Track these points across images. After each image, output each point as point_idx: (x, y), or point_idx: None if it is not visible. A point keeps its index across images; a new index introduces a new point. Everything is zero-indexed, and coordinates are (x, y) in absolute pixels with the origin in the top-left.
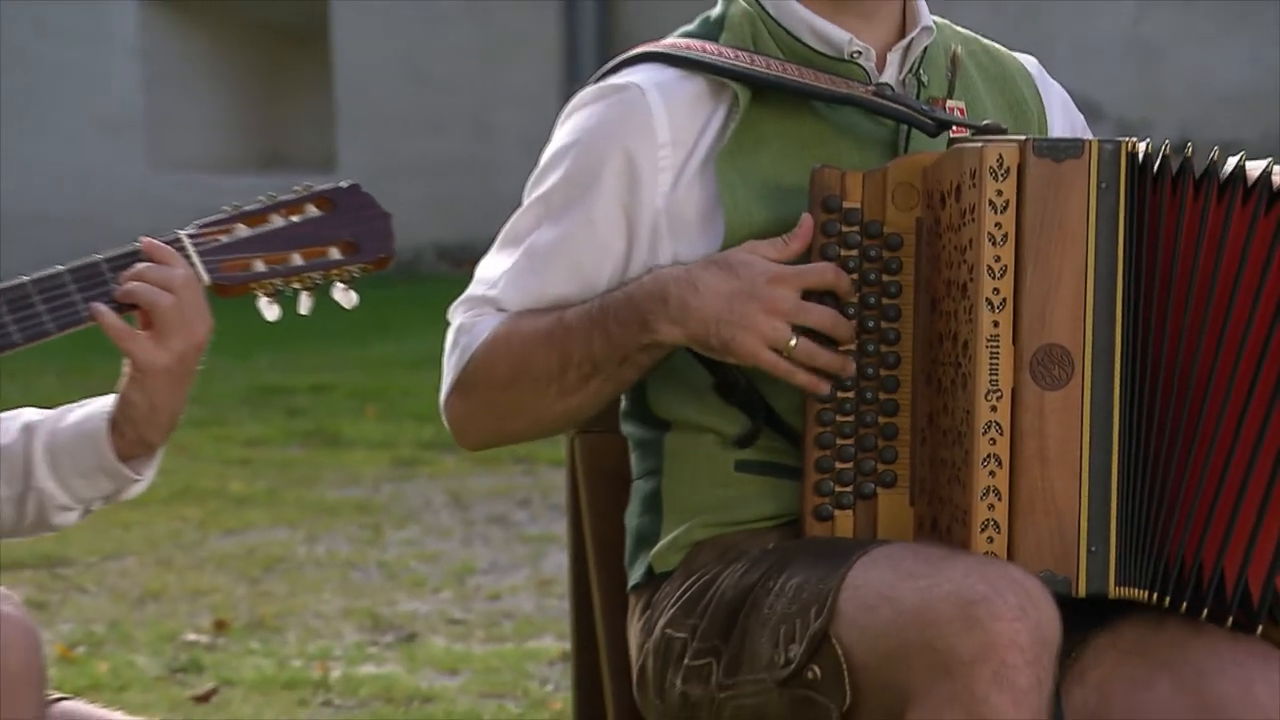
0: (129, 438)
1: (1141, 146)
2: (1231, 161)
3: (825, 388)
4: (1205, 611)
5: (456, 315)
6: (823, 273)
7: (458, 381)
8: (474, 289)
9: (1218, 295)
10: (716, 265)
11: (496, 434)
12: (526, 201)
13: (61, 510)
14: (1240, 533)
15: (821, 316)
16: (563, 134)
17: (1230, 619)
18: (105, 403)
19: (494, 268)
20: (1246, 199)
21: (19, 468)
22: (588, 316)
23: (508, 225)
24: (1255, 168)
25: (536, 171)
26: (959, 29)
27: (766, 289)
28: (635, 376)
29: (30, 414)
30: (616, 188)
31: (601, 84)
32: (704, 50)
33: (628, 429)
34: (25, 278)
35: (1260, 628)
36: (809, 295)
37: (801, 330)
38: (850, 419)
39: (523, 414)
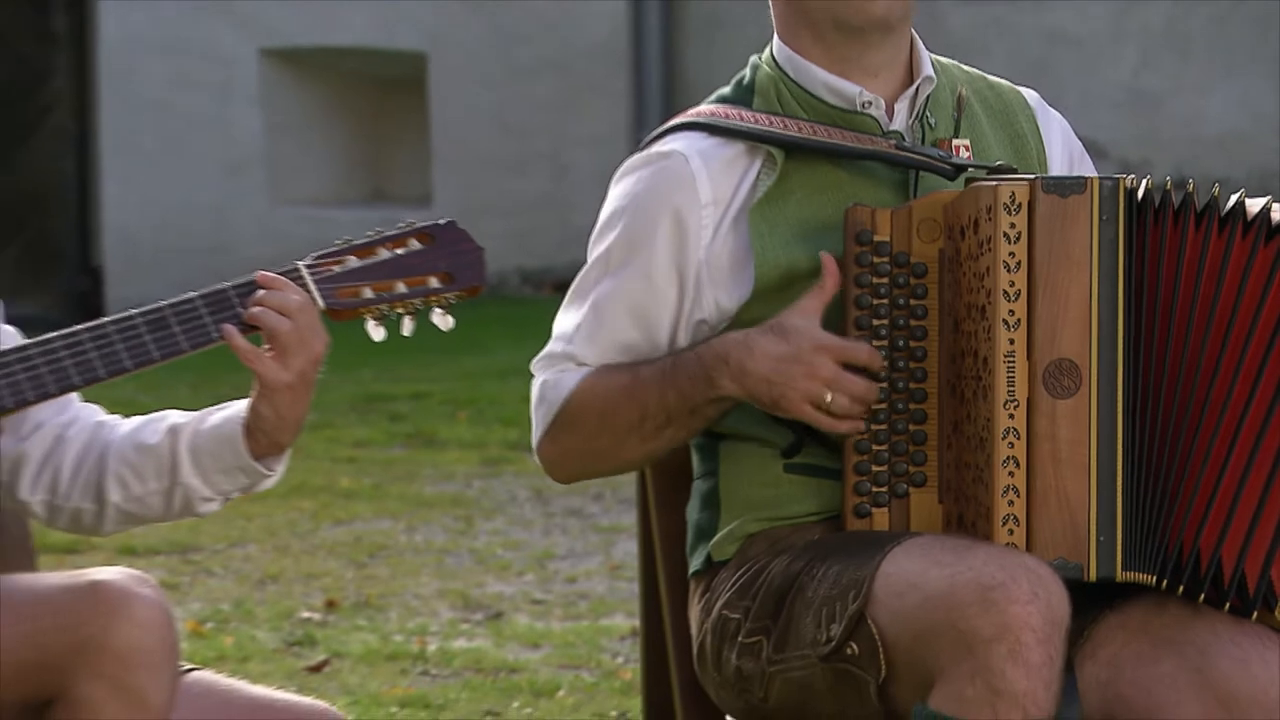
0: (261, 442)
1: (1140, 183)
2: (1233, 198)
3: (860, 427)
4: (1203, 596)
5: (540, 371)
6: (858, 351)
7: (548, 431)
8: (553, 346)
9: (1218, 315)
10: (772, 331)
11: (584, 473)
12: (590, 259)
13: (205, 501)
14: (1238, 526)
15: (853, 384)
16: (616, 197)
17: (1227, 605)
18: (240, 407)
19: (567, 323)
20: (1246, 231)
21: (166, 465)
22: (661, 374)
23: (575, 281)
24: (1255, 204)
25: (596, 231)
26: (965, 68)
27: (810, 355)
28: (703, 425)
29: (175, 416)
30: (668, 245)
31: (649, 151)
32: (740, 118)
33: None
34: (163, 302)
35: (1255, 613)
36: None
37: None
38: (884, 428)
39: (608, 458)
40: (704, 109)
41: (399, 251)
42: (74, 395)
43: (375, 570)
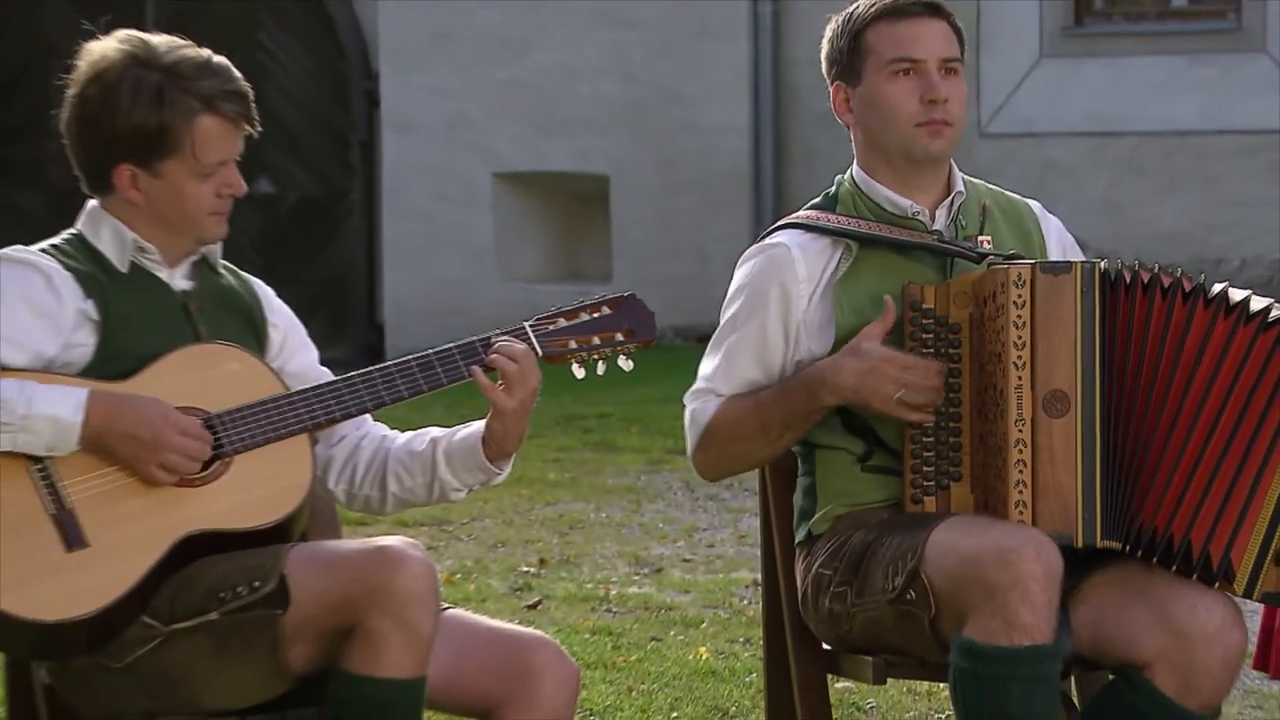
0: (493, 450)
1: (1111, 265)
2: (1202, 278)
3: (929, 418)
4: (1155, 559)
5: (690, 402)
6: (913, 359)
7: (699, 445)
8: (699, 384)
9: (1165, 358)
10: (850, 353)
11: (726, 474)
12: (722, 320)
13: (455, 491)
14: (1205, 516)
15: (916, 382)
16: (740, 275)
17: (1195, 574)
18: (480, 425)
19: (707, 367)
20: (1208, 304)
21: (428, 465)
22: (776, 396)
23: (713, 337)
24: (1218, 286)
25: (726, 300)
26: (990, 186)
27: (881, 365)
28: (808, 430)
29: (435, 431)
30: (777, 309)
31: (763, 243)
32: (826, 220)
33: (795, 447)
34: (429, 351)
35: (1216, 584)
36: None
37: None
38: (931, 439)
39: (742, 460)
40: (801, 213)
41: (595, 315)
42: (366, 415)
43: (573, 538)
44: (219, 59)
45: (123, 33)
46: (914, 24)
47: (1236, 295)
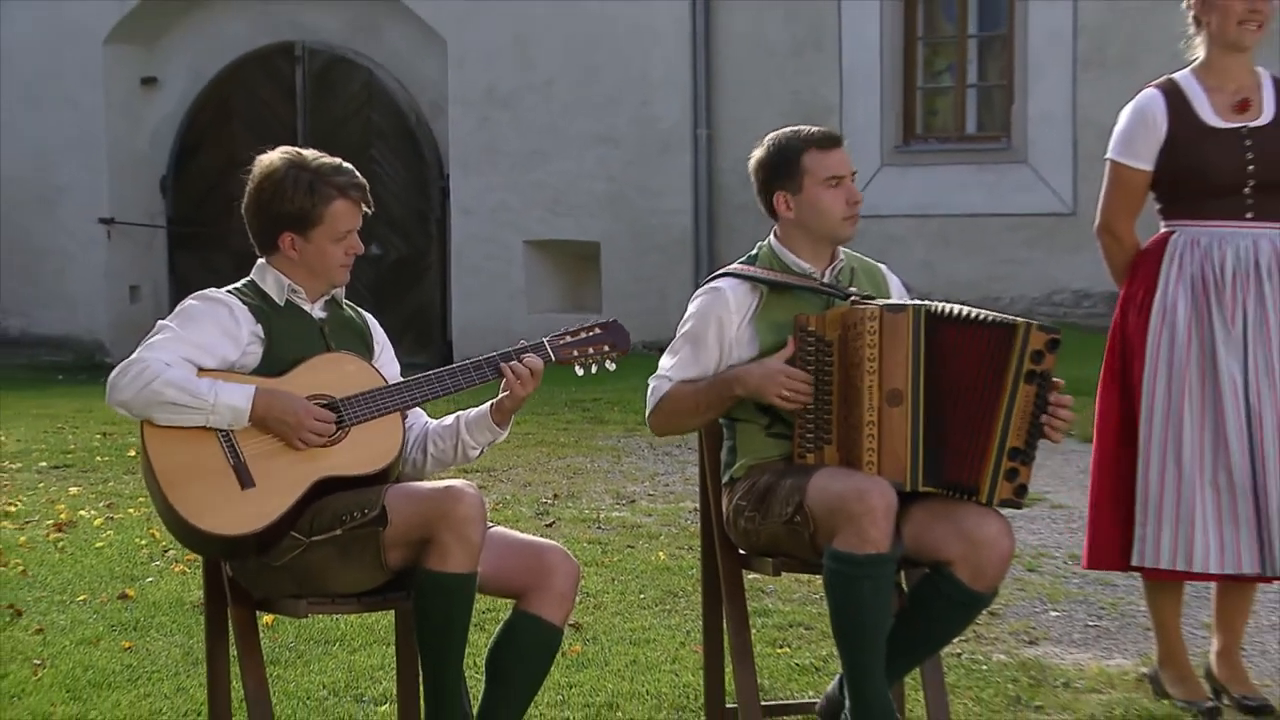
0: (499, 417)
1: (931, 305)
2: (988, 313)
3: (799, 408)
4: (951, 494)
5: (651, 382)
6: (798, 373)
7: (652, 412)
8: (658, 372)
9: (971, 365)
10: (759, 364)
11: (670, 432)
12: (678, 334)
13: (471, 449)
14: (968, 461)
15: (801, 384)
16: (692, 306)
17: (972, 499)
18: (489, 403)
19: (666, 362)
20: (985, 327)
21: (454, 432)
22: (708, 386)
23: (670, 345)
24: (994, 314)
25: (681, 321)
26: (855, 254)
27: (774, 373)
28: (727, 409)
29: (460, 413)
30: (715, 330)
31: (707, 286)
32: (751, 270)
33: (720, 420)
34: (474, 358)
35: (990, 503)
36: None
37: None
38: (812, 417)
39: (680, 425)
40: (733, 266)
41: (591, 334)
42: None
43: (576, 480)
44: (346, 164)
45: (284, 147)
46: (836, 153)
47: (1002, 317)
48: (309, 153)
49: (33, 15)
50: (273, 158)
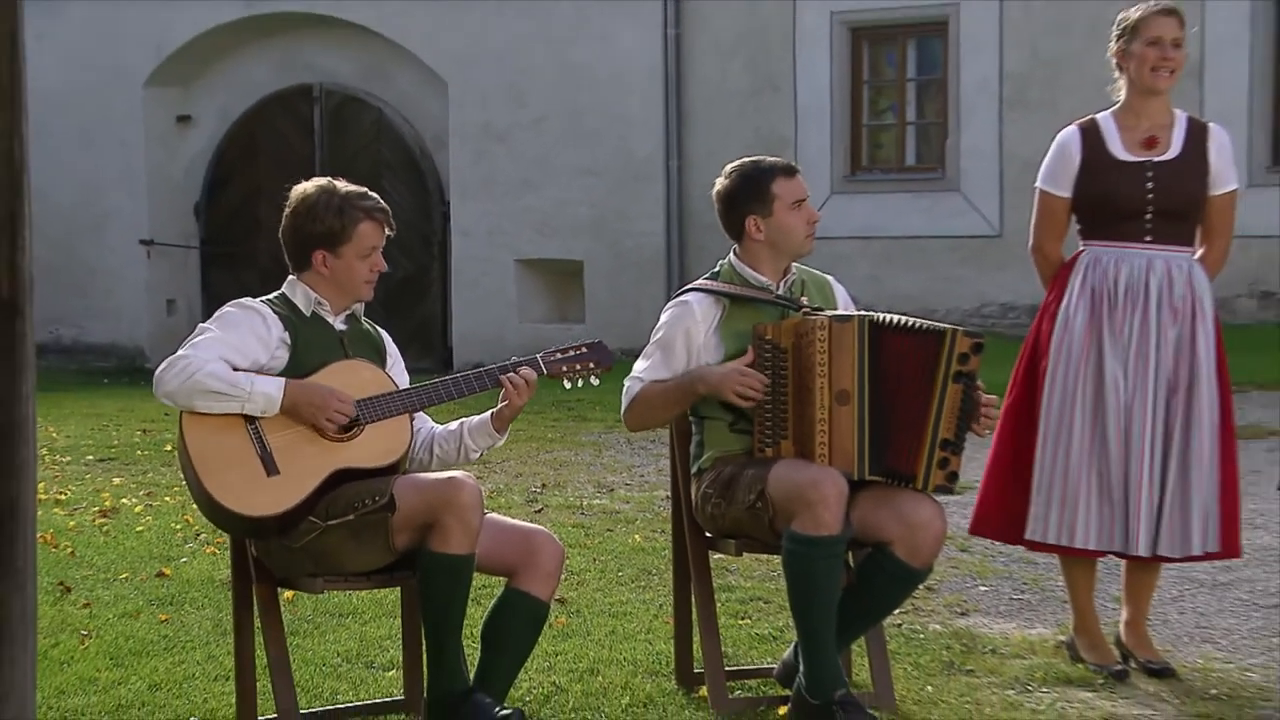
0: (498, 424)
1: (874, 315)
2: (922, 321)
3: (753, 404)
4: (892, 482)
5: (627, 382)
6: (755, 375)
7: (626, 409)
8: (633, 373)
9: (910, 368)
10: (720, 367)
11: (642, 427)
12: (650, 341)
13: (473, 451)
14: (906, 452)
15: (751, 387)
16: (664, 316)
17: (910, 486)
18: (486, 413)
19: (640, 365)
20: (923, 335)
21: (458, 436)
22: (675, 385)
23: (644, 350)
24: (929, 322)
25: (654, 330)
26: (807, 268)
27: (732, 374)
28: (690, 405)
29: (464, 419)
30: (683, 338)
31: (676, 299)
32: (715, 285)
33: (690, 417)
34: (479, 368)
35: (927, 490)
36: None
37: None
38: (770, 415)
39: (651, 420)
40: (699, 282)
41: (578, 352)
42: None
43: (562, 472)
44: (372, 191)
45: (317, 178)
46: (797, 179)
47: (934, 325)
48: (339, 182)
49: (81, 63)
50: (307, 187)
